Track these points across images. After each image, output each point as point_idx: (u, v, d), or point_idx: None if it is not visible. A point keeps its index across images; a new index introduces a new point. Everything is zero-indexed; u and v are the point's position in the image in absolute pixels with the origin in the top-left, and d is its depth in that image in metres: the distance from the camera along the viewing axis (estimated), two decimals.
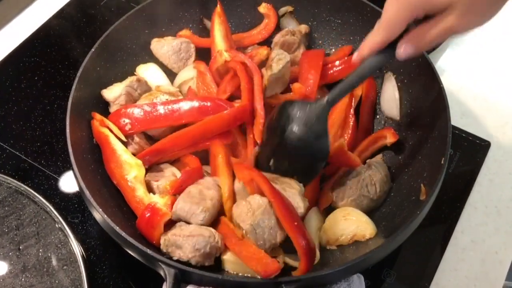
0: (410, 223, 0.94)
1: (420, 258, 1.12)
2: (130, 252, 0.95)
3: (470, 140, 1.29)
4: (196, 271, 0.91)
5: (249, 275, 0.95)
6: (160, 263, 0.90)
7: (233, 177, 1.06)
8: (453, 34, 0.86)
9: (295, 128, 1.03)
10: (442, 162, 1.00)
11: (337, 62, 1.26)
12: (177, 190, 1.03)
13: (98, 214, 0.95)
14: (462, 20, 0.82)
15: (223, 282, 0.90)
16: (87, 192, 0.96)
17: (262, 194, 0.99)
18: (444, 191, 1.19)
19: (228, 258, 0.97)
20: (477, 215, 1.19)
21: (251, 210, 0.97)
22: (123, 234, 0.92)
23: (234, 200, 1.04)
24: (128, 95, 1.15)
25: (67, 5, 1.58)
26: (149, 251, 0.90)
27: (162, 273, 0.92)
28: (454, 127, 1.30)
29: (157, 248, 0.97)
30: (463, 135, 1.30)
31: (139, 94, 1.18)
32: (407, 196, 1.07)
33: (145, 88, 1.19)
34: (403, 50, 0.90)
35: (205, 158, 1.13)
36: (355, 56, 0.97)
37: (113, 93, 1.15)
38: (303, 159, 1.05)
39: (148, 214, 0.97)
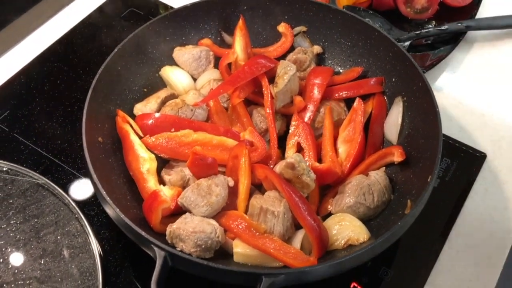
0: (388, 233, 0.98)
1: (417, 258, 1.17)
2: (125, 232, 1.00)
3: (467, 152, 1.35)
4: (185, 256, 0.96)
5: (258, 265, 1.02)
6: (152, 245, 0.95)
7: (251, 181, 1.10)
8: None
9: None
10: (429, 180, 1.04)
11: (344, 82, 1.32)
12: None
13: (102, 196, 1.01)
14: None
15: (209, 268, 0.94)
16: (94, 176, 1.02)
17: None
18: (441, 197, 1.26)
19: (240, 251, 1.03)
20: (472, 221, 1.24)
21: (279, 198, 1.05)
22: (122, 216, 0.97)
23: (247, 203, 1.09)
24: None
25: (90, 15, 1.68)
26: (143, 233, 0.95)
27: (152, 254, 0.96)
28: (453, 139, 1.37)
29: (154, 232, 1.03)
30: (463, 147, 1.35)
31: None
32: (394, 211, 1.12)
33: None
34: None
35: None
36: None
37: (148, 107, 1.25)
38: None
39: (150, 199, 1.04)
